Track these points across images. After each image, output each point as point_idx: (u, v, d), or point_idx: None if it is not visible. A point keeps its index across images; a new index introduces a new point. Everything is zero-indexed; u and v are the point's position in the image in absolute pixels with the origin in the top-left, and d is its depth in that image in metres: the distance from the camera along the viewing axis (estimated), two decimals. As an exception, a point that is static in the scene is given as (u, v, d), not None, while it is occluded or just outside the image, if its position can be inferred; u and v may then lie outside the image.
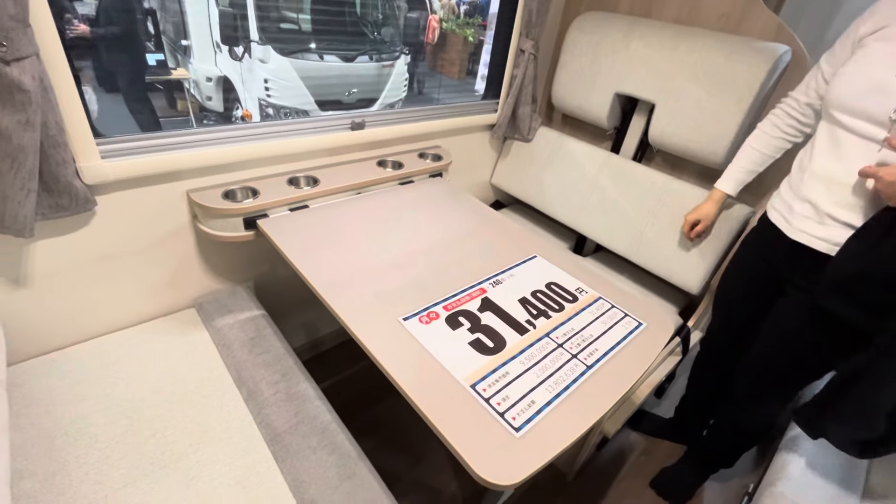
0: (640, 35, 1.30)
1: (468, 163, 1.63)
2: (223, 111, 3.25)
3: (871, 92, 0.76)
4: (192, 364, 0.96)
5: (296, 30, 3.26)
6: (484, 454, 0.58)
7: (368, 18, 3.65)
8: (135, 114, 2.73)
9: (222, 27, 3.08)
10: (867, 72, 0.78)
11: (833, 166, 0.82)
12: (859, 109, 0.78)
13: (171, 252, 1.04)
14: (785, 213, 0.92)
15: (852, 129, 0.80)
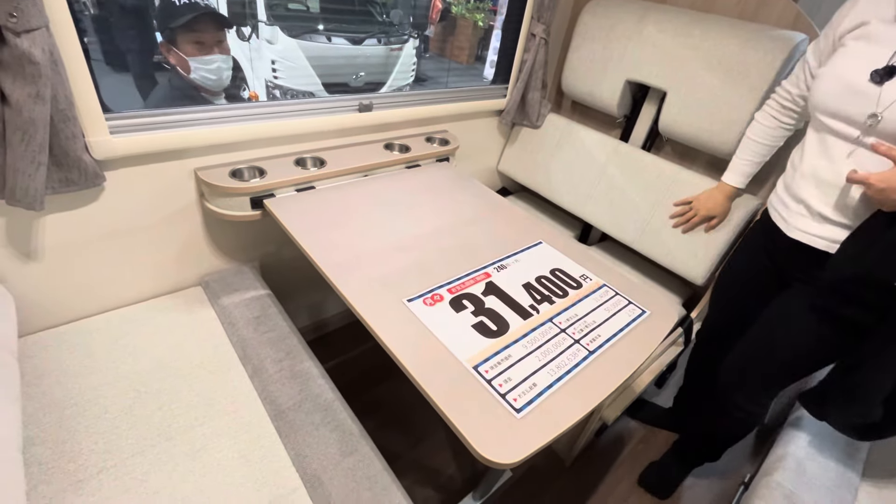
0: (655, 21, 1.27)
1: (475, 148, 1.62)
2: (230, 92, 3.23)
3: (848, 94, 0.77)
4: (198, 340, 0.97)
5: (304, 11, 3.23)
6: (485, 434, 0.59)
7: (377, 1, 3.61)
8: (143, 92, 2.72)
9: (230, 7, 3.05)
10: (844, 74, 0.78)
11: (822, 167, 0.83)
12: (839, 112, 0.79)
13: (178, 230, 1.05)
14: (782, 212, 0.92)
15: (835, 131, 0.80)
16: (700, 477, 1.39)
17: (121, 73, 2.00)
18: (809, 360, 0.94)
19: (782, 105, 1.00)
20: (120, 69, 1.98)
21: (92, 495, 0.68)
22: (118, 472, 0.72)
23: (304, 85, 3.07)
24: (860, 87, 0.75)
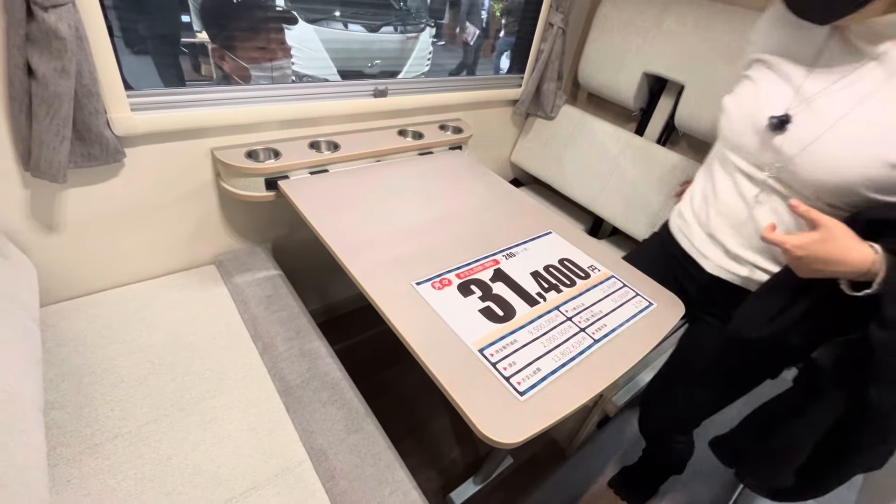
0: (676, 12, 1.25)
1: (489, 138, 1.62)
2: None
3: (751, 133, 0.71)
4: (211, 317, 1.00)
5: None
6: (487, 414, 0.60)
7: (396, -13, 3.58)
8: (162, 73, 2.75)
9: (248, -10, 3.05)
10: (747, 109, 0.72)
11: (736, 207, 0.76)
12: (743, 148, 0.74)
13: (194, 208, 1.07)
14: (698, 245, 0.84)
15: (744, 170, 0.75)
16: (698, 475, 1.40)
17: (142, 56, 2.02)
18: (735, 388, 0.90)
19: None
20: (142, 53, 2.00)
21: (107, 458, 0.71)
22: (132, 439, 0.74)
23: (320, 71, 3.08)
24: (761, 128, 0.70)
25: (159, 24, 2.26)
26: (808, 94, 0.67)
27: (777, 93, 0.70)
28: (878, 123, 0.61)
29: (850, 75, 0.64)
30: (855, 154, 0.62)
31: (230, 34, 1.05)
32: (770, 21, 0.74)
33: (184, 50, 3.11)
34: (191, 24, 3.43)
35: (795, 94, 0.68)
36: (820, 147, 0.64)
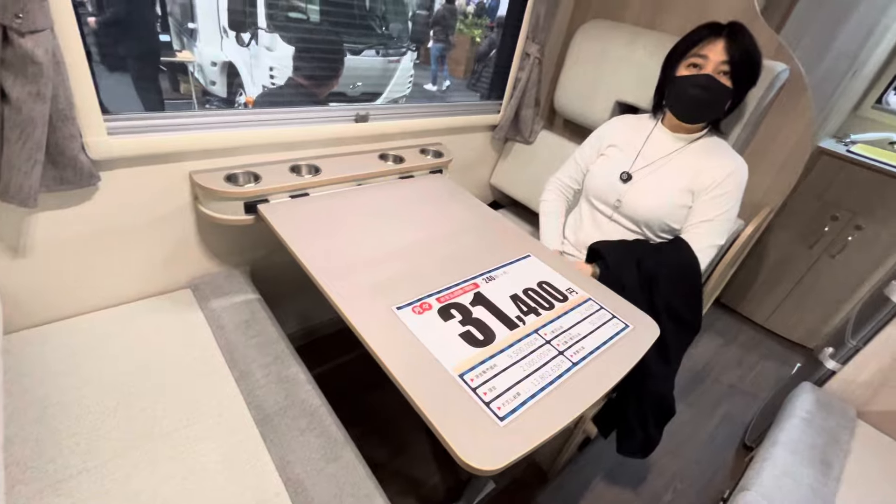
0: (644, 45, 1.32)
1: (469, 161, 1.65)
2: (226, 96, 3.25)
3: (607, 186, 1.15)
4: (185, 343, 0.97)
5: (304, 19, 3.27)
6: (468, 440, 0.60)
7: (377, 13, 3.66)
8: (141, 93, 2.73)
9: (230, 13, 3.08)
10: (605, 172, 1.17)
11: (595, 237, 1.17)
12: (602, 197, 1.17)
13: (170, 232, 1.05)
14: (578, 257, 1.21)
15: (601, 210, 1.19)
16: (678, 492, 1.41)
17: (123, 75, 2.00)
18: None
19: (562, 191, 1.31)
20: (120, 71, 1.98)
21: (71, 496, 0.68)
22: (99, 474, 0.71)
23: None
24: (614, 182, 1.14)
25: (139, 46, 2.25)
26: (641, 163, 1.14)
27: (624, 160, 1.16)
28: (668, 182, 1.10)
29: (662, 155, 1.12)
30: (654, 197, 1.10)
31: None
32: (615, 128, 1.23)
33: (163, 69, 3.04)
34: (170, 44, 3.39)
35: (632, 165, 1.14)
36: (643, 191, 1.11)
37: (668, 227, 1.12)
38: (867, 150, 1.98)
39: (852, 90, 1.93)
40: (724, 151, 1.10)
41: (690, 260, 1.05)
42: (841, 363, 1.28)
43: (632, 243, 1.13)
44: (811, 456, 1.06)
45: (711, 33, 1.02)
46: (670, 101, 1.10)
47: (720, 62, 1.00)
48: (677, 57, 1.07)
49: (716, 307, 2.35)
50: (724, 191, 1.06)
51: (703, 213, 1.07)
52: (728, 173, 1.06)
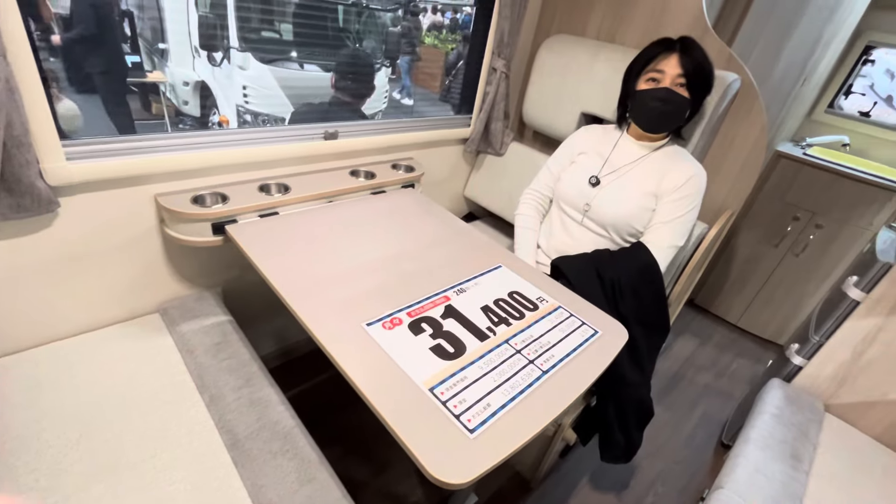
0: (605, 58, 1.37)
1: (442, 175, 1.67)
2: (200, 116, 3.22)
3: (577, 192, 1.20)
4: (153, 369, 0.95)
5: (277, 38, 3.27)
6: (438, 454, 0.60)
7: (350, 30, 3.69)
8: (111, 115, 2.68)
9: (201, 32, 3.07)
10: (575, 178, 1.22)
11: (565, 242, 1.23)
12: (571, 202, 1.22)
13: (136, 256, 1.03)
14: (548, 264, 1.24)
15: (571, 216, 1.22)
16: (659, 494, 1.42)
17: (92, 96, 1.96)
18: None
19: (538, 202, 1.34)
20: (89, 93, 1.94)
21: (29, 536, 0.65)
22: (59, 510, 0.68)
23: (276, 110, 3.09)
24: (583, 187, 1.19)
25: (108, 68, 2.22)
26: (608, 169, 1.18)
27: (593, 166, 1.20)
28: (634, 187, 1.14)
29: (628, 162, 1.17)
30: (621, 200, 1.14)
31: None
32: (585, 138, 1.28)
33: (134, 90, 3.01)
34: (141, 64, 3.34)
35: (602, 169, 1.19)
36: (610, 196, 1.16)
37: (633, 230, 1.15)
38: (822, 152, 2.07)
39: (804, 96, 2.03)
40: (685, 158, 1.15)
41: (649, 262, 1.09)
42: (806, 358, 1.32)
43: (591, 255, 1.16)
44: (782, 451, 1.09)
45: (665, 49, 1.07)
46: (634, 113, 1.15)
47: (676, 75, 1.05)
48: (636, 72, 1.12)
49: (690, 308, 2.41)
50: (684, 194, 1.10)
51: (664, 215, 1.11)
52: (688, 177, 1.10)
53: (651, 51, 1.09)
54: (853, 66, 2.18)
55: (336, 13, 3.41)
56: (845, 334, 1.24)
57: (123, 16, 2.93)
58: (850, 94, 2.25)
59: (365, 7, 3.29)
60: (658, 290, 1.10)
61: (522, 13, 1.41)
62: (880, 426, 1.24)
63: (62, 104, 1.10)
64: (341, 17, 3.54)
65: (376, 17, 3.81)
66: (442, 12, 5.44)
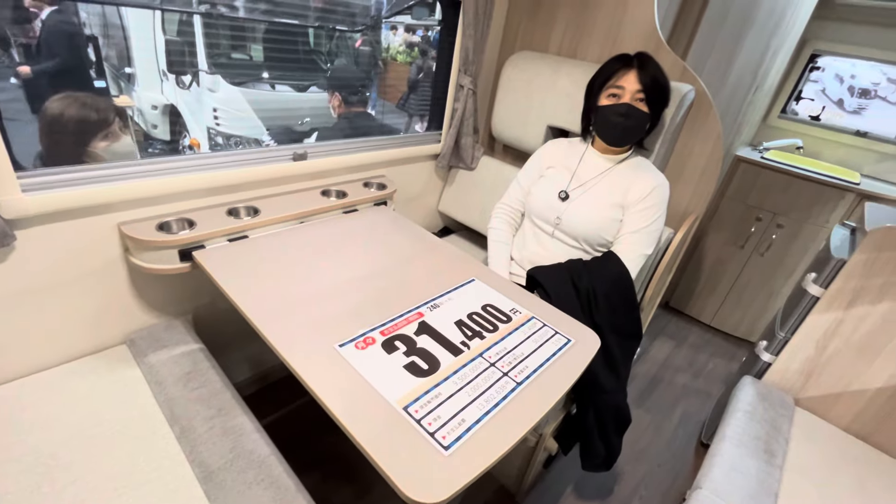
0: (567, 73, 1.41)
1: (415, 191, 1.68)
2: (170, 139, 3.17)
3: (547, 205, 1.22)
4: (120, 404, 0.92)
5: (247, 60, 3.26)
6: (412, 473, 0.59)
7: (321, 49, 3.71)
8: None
9: (169, 56, 3.04)
10: (544, 192, 1.24)
11: (538, 253, 1.25)
12: (543, 216, 1.24)
13: (100, 287, 1.00)
14: (522, 275, 1.26)
15: (542, 228, 1.25)
16: (643, 497, 1.43)
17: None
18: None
19: (510, 215, 1.36)
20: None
21: (-16, 591, 0.61)
22: (17, 561, 0.65)
23: (248, 132, 3.07)
24: (553, 201, 1.21)
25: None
26: (576, 183, 1.21)
27: (561, 180, 1.23)
28: (602, 199, 1.17)
29: (594, 175, 1.20)
30: (590, 212, 1.17)
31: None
32: (552, 151, 1.31)
33: (99, 116, 2.90)
34: (107, 89, 3.29)
35: (569, 185, 1.21)
36: (579, 208, 1.18)
37: (603, 241, 1.18)
38: (778, 155, 2.17)
39: (758, 103, 2.13)
40: (648, 169, 1.19)
41: (621, 270, 1.12)
42: (774, 354, 1.37)
43: (565, 265, 1.18)
44: (755, 447, 1.12)
45: (624, 65, 1.12)
46: (597, 128, 1.19)
47: (635, 91, 1.10)
48: (597, 88, 1.16)
49: (665, 311, 2.46)
50: (649, 204, 1.14)
51: (632, 225, 1.15)
52: (653, 188, 1.14)
53: (610, 67, 1.14)
54: (801, 73, 2.31)
55: (307, 35, 3.43)
56: (808, 329, 1.29)
57: (88, 41, 2.88)
58: (800, 99, 2.38)
59: (332, 29, 3.32)
60: (630, 298, 1.13)
61: (486, 31, 1.45)
62: (847, 417, 1.28)
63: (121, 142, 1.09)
64: (312, 39, 3.57)
65: (346, 38, 3.85)
66: (413, 30, 5.54)
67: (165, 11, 2.85)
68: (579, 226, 1.18)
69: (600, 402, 1.12)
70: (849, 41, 2.17)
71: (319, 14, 3.13)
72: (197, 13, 2.82)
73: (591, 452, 1.18)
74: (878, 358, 1.21)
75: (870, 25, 2.09)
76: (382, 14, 3.27)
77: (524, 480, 1.28)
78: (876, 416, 1.24)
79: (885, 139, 2.19)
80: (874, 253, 1.15)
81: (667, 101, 1.14)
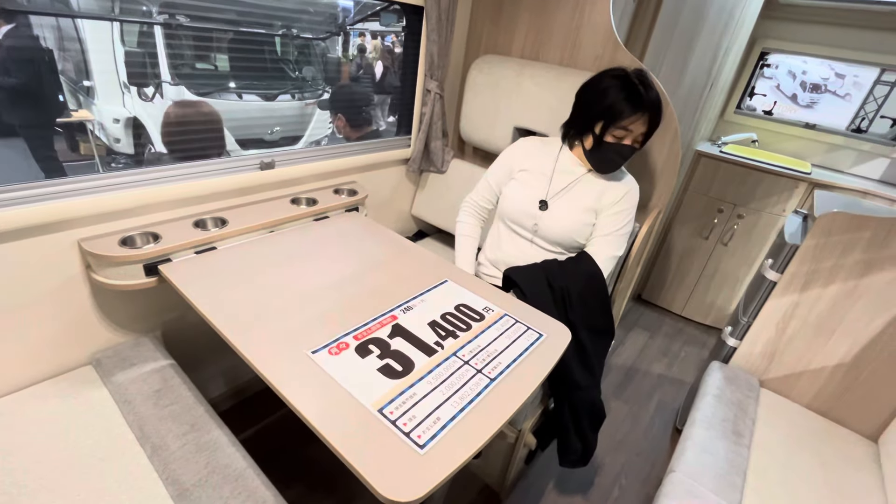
0: (531, 75, 1.45)
1: (387, 196, 1.68)
2: (134, 153, 3.08)
3: (523, 212, 1.23)
4: (86, 426, 0.89)
5: (212, 70, 3.20)
6: (388, 473, 0.60)
7: (290, 58, 3.67)
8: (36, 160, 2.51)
9: (129, 67, 2.96)
10: (521, 198, 1.24)
11: (515, 256, 1.26)
12: (519, 221, 1.24)
13: (60, 306, 0.97)
14: (495, 276, 1.30)
15: (520, 233, 1.26)
16: (623, 488, 1.47)
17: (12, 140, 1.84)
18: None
19: (476, 211, 1.37)
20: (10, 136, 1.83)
21: None
22: None
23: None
24: (531, 208, 1.22)
25: (23, 112, 2.10)
26: (553, 190, 1.21)
27: (539, 189, 1.23)
28: (577, 204, 1.18)
29: (570, 181, 1.20)
30: (567, 219, 1.18)
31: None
32: (524, 151, 1.29)
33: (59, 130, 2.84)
34: (65, 103, 3.19)
35: (547, 191, 1.22)
36: (557, 216, 1.19)
37: (577, 244, 1.21)
38: (735, 149, 2.27)
39: (714, 100, 2.22)
40: (620, 174, 1.22)
41: (594, 270, 1.15)
42: (739, 339, 1.43)
43: (541, 265, 1.20)
44: (724, 429, 1.16)
45: (636, 109, 1.07)
46: (592, 156, 1.16)
47: (640, 133, 1.11)
48: (606, 124, 1.10)
49: (638, 304, 2.53)
50: (621, 208, 1.18)
51: (604, 229, 1.18)
52: (625, 193, 1.18)
53: (623, 107, 1.07)
54: (753, 71, 2.42)
55: (273, 44, 3.39)
56: (768, 313, 1.35)
57: (45, 54, 2.78)
58: (753, 95, 2.49)
59: (296, 36, 3.30)
60: (603, 297, 1.16)
61: (450, 36, 1.47)
62: (809, 394, 1.35)
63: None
64: (279, 47, 3.52)
65: (314, 46, 3.82)
66: (382, 36, 5.55)
67: (124, 23, 2.77)
68: (556, 231, 1.20)
69: (575, 398, 1.15)
70: (796, 39, 2.29)
71: (284, 22, 3.10)
72: (157, 23, 2.76)
73: (567, 448, 1.21)
74: (832, 336, 1.27)
75: (814, 24, 2.22)
76: (347, 21, 3.27)
77: (507, 478, 1.30)
78: (834, 392, 1.31)
79: (832, 130, 2.32)
80: (823, 237, 1.22)
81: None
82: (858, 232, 1.18)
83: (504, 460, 1.27)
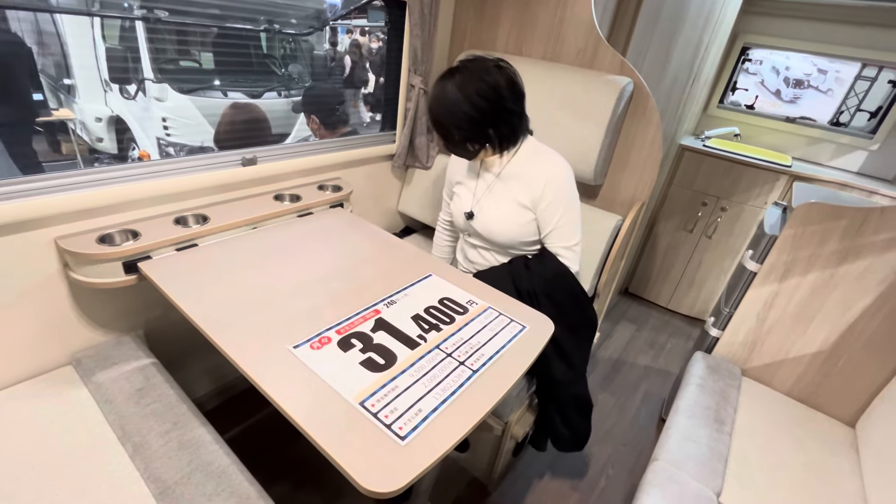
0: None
1: (373, 192, 1.68)
2: (117, 153, 3.03)
3: (462, 223, 1.25)
4: (66, 426, 0.88)
5: (196, 67, 3.16)
6: (368, 465, 0.60)
7: (275, 55, 3.64)
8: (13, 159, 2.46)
9: (111, 65, 2.91)
10: (456, 210, 1.26)
11: (481, 263, 1.27)
12: (460, 227, 1.28)
13: (37, 306, 0.96)
14: (467, 267, 1.33)
15: (474, 243, 1.28)
16: (610, 477, 1.49)
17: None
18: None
19: (446, 229, 1.44)
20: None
21: None
22: None
23: (200, 141, 2.98)
24: (461, 220, 1.24)
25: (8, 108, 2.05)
26: (477, 198, 1.21)
27: (467, 198, 1.23)
28: (505, 206, 1.15)
29: (490, 182, 1.18)
30: (499, 223, 1.17)
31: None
32: (459, 163, 1.27)
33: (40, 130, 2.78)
34: (45, 102, 3.13)
35: (473, 198, 1.22)
36: (485, 221, 1.19)
37: (529, 242, 1.18)
38: (718, 142, 2.30)
39: (697, 94, 2.25)
40: (539, 158, 1.14)
41: (558, 267, 1.15)
42: (721, 329, 1.45)
43: (507, 267, 1.20)
44: (706, 417, 1.18)
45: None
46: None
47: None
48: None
49: (625, 297, 2.55)
50: (548, 201, 1.12)
51: (546, 225, 1.15)
52: (544, 185, 1.10)
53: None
54: (735, 66, 2.45)
55: (259, 39, 3.35)
56: (749, 303, 1.37)
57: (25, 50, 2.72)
58: (735, 90, 2.53)
59: (279, 31, 3.26)
60: (575, 292, 1.16)
61: (433, 31, 1.47)
62: (789, 382, 1.38)
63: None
64: (264, 42, 3.49)
65: (299, 42, 3.78)
66: (369, 33, 5.52)
67: (105, 18, 2.72)
68: (498, 237, 1.18)
69: (559, 393, 1.16)
70: (777, 34, 2.33)
71: (267, 17, 3.07)
72: (138, 19, 2.71)
73: (558, 437, 1.22)
74: (811, 324, 1.30)
75: (795, 19, 2.25)
76: (331, 17, 3.24)
77: (494, 470, 1.31)
78: (813, 379, 1.34)
79: (812, 124, 2.36)
80: (800, 228, 1.24)
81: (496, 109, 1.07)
82: (834, 221, 1.20)
83: (491, 453, 1.28)
